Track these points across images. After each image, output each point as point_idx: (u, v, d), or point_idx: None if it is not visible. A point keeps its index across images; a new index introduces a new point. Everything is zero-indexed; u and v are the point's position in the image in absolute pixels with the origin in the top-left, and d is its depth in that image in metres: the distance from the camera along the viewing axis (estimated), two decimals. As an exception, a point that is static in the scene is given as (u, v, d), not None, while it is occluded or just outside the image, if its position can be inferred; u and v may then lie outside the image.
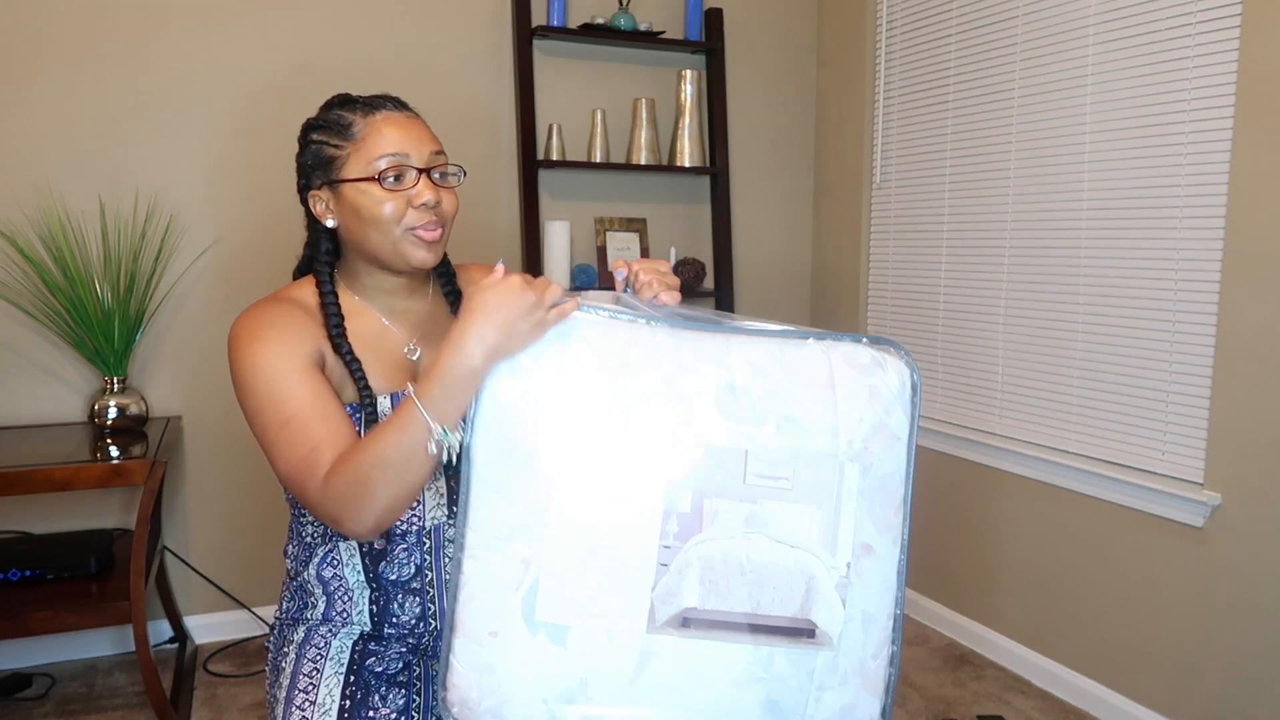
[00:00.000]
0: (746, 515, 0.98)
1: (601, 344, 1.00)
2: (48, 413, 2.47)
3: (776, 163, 3.27)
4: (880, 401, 1.03)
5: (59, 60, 2.41)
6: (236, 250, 2.61)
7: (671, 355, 1.00)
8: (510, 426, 0.98)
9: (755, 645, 0.99)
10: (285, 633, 1.26)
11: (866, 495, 1.02)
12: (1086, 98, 2.28)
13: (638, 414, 0.97)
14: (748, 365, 1.01)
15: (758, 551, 0.98)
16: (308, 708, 1.14)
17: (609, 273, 2.97)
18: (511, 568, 0.97)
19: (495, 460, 0.98)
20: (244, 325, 1.13)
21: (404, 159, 1.15)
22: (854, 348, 1.06)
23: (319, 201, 1.19)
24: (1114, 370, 2.24)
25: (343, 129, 1.18)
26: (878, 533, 1.03)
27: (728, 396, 0.99)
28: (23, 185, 2.40)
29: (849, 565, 1.01)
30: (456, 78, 2.80)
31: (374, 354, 1.20)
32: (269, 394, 1.09)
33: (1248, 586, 1.97)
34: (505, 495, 0.97)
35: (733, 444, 0.98)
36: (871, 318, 3.07)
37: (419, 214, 1.15)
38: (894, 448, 1.04)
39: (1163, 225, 2.11)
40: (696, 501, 0.97)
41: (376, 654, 1.20)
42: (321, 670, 1.17)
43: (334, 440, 1.06)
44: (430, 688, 1.21)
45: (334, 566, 1.22)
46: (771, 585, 0.98)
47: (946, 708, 2.35)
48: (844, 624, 1.01)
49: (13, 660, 2.49)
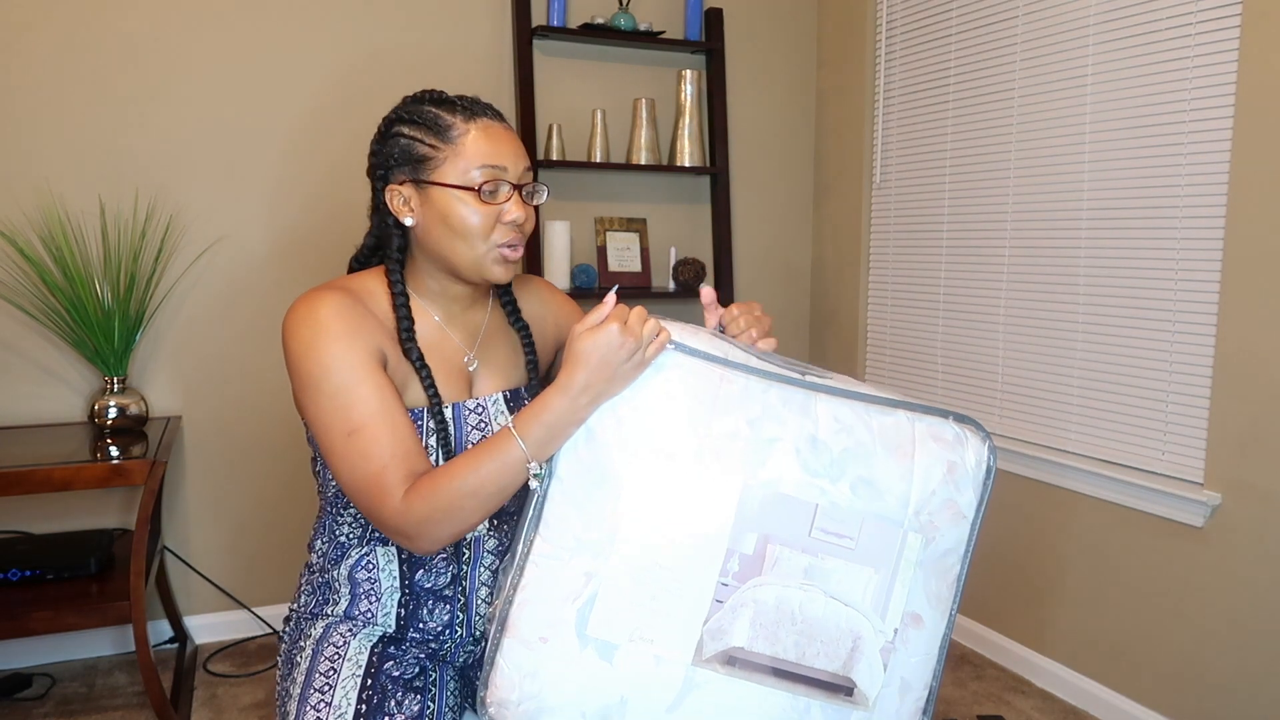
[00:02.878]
0: (806, 567, 1.00)
1: (693, 381, 1.02)
2: (48, 413, 2.47)
3: (776, 163, 3.27)
4: (954, 479, 1.05)
5: (59, 60, 2.41)
6: (236, 250, 2.61)
7: (759, 400, 1.02)
8: (597, 448, 1.01)
9: (794, 695, 1.00)
10: (302, 626, 1.24)
11: (924, 567, 1.04)
12: (1086, 98, 2.28)
13: (717, 452, 0.99)
14: (833, 421, 1.03)
15: (812, 604, 1.00)
16: (323, 709, 1.13)
17: (609, 273, 2.98)
18: (573, 579, 0.99)
19: (578, 477, 1.01)
20: (308, 314, 1.09)
21: (502, 173, 1.13)
22: (940, 422, 1.07)
23: (398, 197, 1.15)
24: (1114, 370, 2.24)
25: (441, 130, 1.13)
26: (929, 605, 1.04)
27: (808, 448, 1.01)
28: (23, 185, 2.40)
29: (896, 632, 1.03)
30: (456, 77, 2.80)
31: (433, 360, 1.19)
32: (335, 398, 1.07)
33: (1248, 586, 1.97)
34: (581, 510, 1.00)
35: (804, 496, 1.00)
36: (871, 318, 3.07)
37: (506, 231, 1.13)
38: (958, 525, 1.06)
39: (1163, 225, 2.11)
40: (760, 545, 0.99)
41: (395, 658, 1.19)
42: (338, 671, 1.16)
43: (404, 457, 1.06)
44: (445, 694, 1.20)
45: (369, 570, 1.20)
46: (819, 639, 1.00)
47: (946, 708, 2.35)
48: (882, 688, 1.02)
49: (13, 660, 2.49)
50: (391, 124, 1.17)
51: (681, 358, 1.03)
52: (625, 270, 3.00)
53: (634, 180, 3.07)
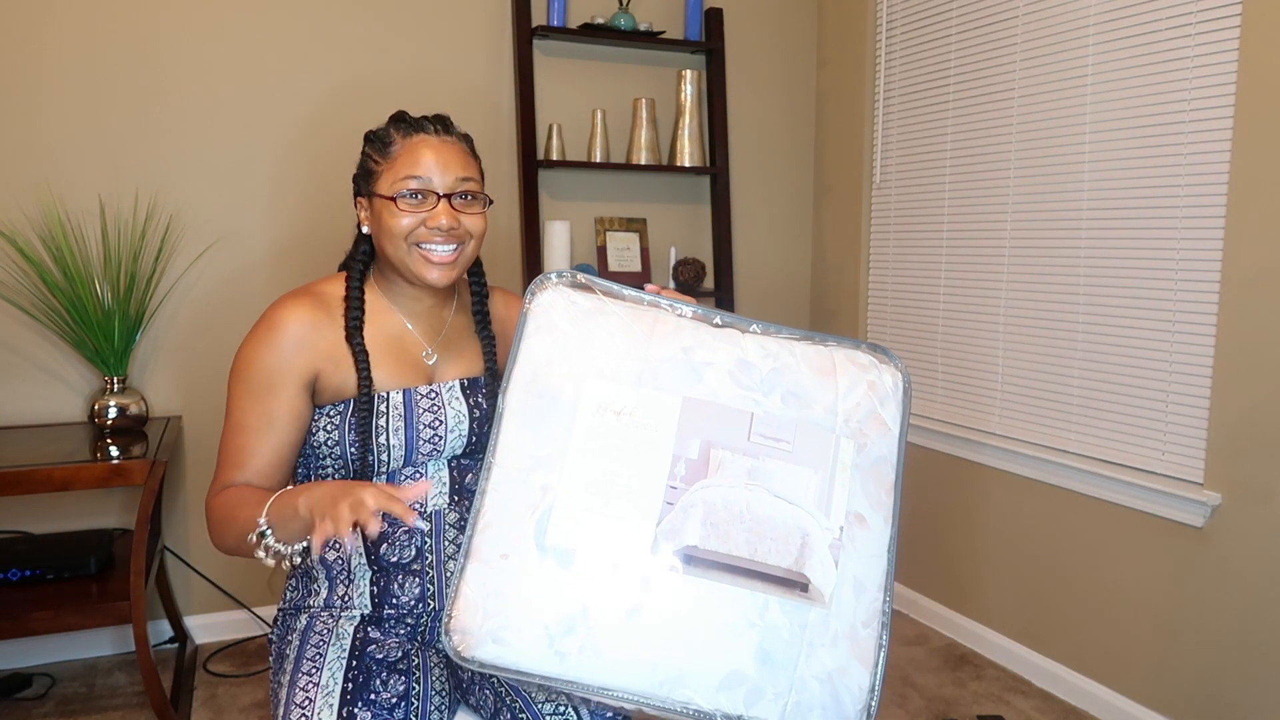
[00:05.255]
0: (749, 469, 1.07)
1: (630, 317, 1.12)
2: (48, 413, 2.47)
3: (776, 163, 3.27)
4: (877, 395, 1.14)
5: (59, 60, 2.41)
6: (236, 250, 2.61)
7: (692, 333, 1.12)
8: (544, 375, 1.08)
9: (751, 590, 1.05)
10: (289, 621, 1.31)
11: (860, 471, 1.11)
12: (1086, 98, 2.28)
13: (656, 374, 1.08)
14: (759, 349, 1.13)
15: (758, 502, 1.06)
16: (311, 689, 1.17)
17: (609, 273, 2.98)
18: (530, 495, 1.04)
19: (529, 405, 1.08)
20: (270, 316, 1.24)
21: (426, 182, 1.24)
22: (854, 351, 1.18)
23: (361, 208, 1.31)
24: (1114, 370, 2.24)
25: (384, 146, 1.27)
26: (870, 507, 1.11)
27: (739, 369, 1.10)
28: (23, 185, 2.40)
29: (842, 530, 1.09)
30: (456, 78, 2.80)
31: (392, 352, 1.30)
32: (249, 394, 1.23)
33: (1248, 586, 1.97)
34: (535, 432, 1.07)
35: (740, 406, 1.08)
36: (871, 318, 3.07)
37: (429, 233, 1.24)
38: (886, 436, 1.14)
39: (1162, 225, 2.11)
40: (703, 450, 1.06)
41: (377, 641, 1.24)
42: (324, 654, 1.21)
43: (254, 471, 1.22)
44: (429, 676, 1.24)
45: (335, 549, 1.28)
46: (769, 535, 1.06)
47: (946, 708, 2.35)
48: (836, 585, 1.07)
49: (13, 660, 2.49)
50: (363, 143, 1.32)
51: (620, 302, 1.14)
52: (625, 270, 3.00)
53: (634, 180, 3.07)
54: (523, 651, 1.01)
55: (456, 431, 1.29)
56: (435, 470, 1.29)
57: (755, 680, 1.04)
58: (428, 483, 1.06)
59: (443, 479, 1.29)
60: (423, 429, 1.27)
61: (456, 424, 1.29)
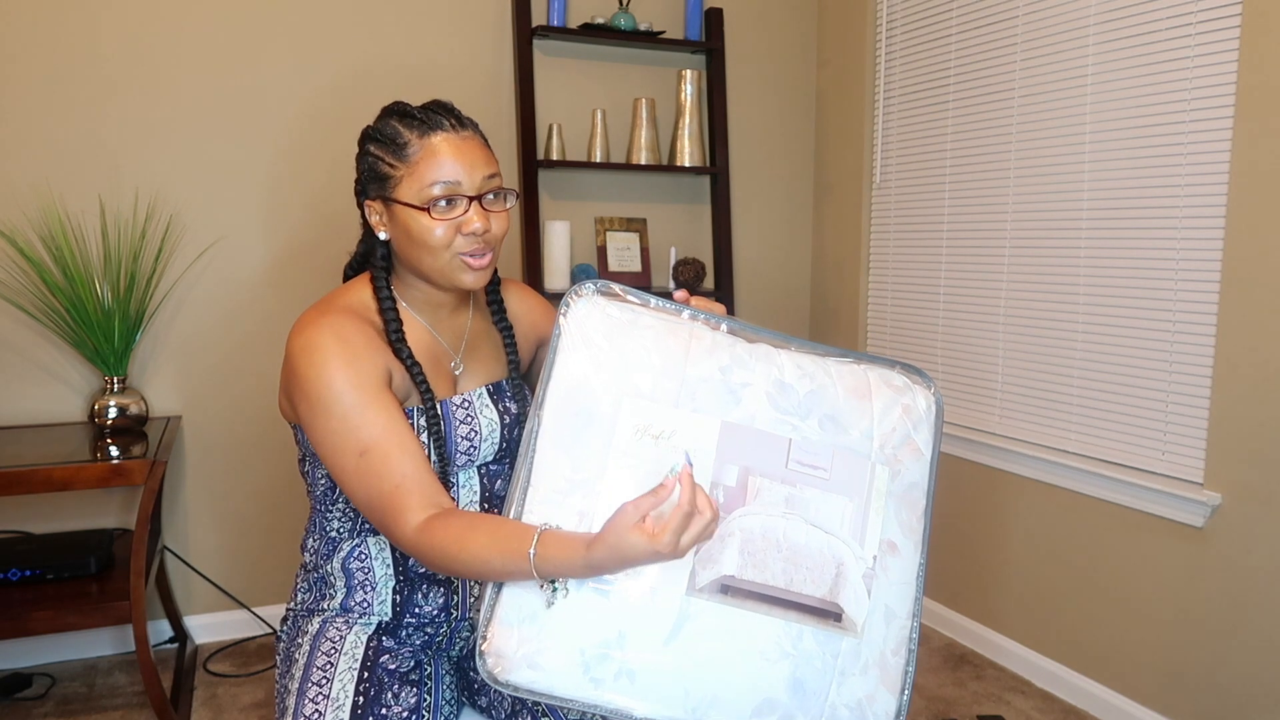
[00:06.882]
0: (786, 496, 1.06)
1: (666, 334, 1.09)
2: (48, 413, 2.47)
3: (776, 163, 3.27)
4: (911, 419, 1.14)
5: (59, 60, 2.41)
6: (236, 250, 2.61)
7: (727, 351, 1.09)
8: (581, 394, 1.05)
9: (786, 620, 1.05)
10: (299, 623, 1.27)
11: (894, 498, 1.11)
12: (1086, 98, 2.28)
13: (694, 395, 1.06)
14: (795, 368, 1.11)
15: (795, 531, 1.06)
16: (321, 701, 1.15)
17: (610, 273, 2.98)
18: (567, 519, 1.03)
19: (564, 423, 1.05)
20: (314, 339, 1.13)
21: (456, 186, 1.15)
22: (888, 371, 1.17)
23: (373, 213, 1.21)
24: (1114, 370, 2.24)
25: (398, 148, 1.17)
26: (902, 534, 1.11)
27: (776, 390, 1.09)
28: (23, 185, 2.40)
29: (875, 559, 1.09)
30: (456, 77, 2.80)
31: (427, 364, 1.23)
32: (346, 419, 1.10)
33: (1248, 586, 1.97)
34: (569, 453, 1.04)
35: (778, 431, 1.07)
36: (871, 317, 3.07)
37: (468, 240, 1.16)
38: (919, 461, 1.14)
39: (1162, 225, 2.11)
40: (742, 477, 1.05)
41: (390, 651, 1.21)
42: (335, 665, 1.18)
43: (415, 475, 1.09)
44: (440, 686, 1.22)
45: (361, 560, 1.24)
46: (805, 565, 1.06)
47: (946, 708, 2.35)
48: (868, 614, 1.08)
49: (13, 660, 2.49)
50: (363, 141, 1.22)
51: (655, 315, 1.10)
52: (625, 270, 3.00)
53: (634, 180, 3.07)
54: (557, 677, 1.01)
55: (490, 440, 1.26)
56: (466, 479, 1.26)
57: (787, 708, 1.05)
58: (687, 470, 0.95)
59: (473, 487, 1.26)
60: (460, 440, 1.23)
61: (490, 432, 1.25)
